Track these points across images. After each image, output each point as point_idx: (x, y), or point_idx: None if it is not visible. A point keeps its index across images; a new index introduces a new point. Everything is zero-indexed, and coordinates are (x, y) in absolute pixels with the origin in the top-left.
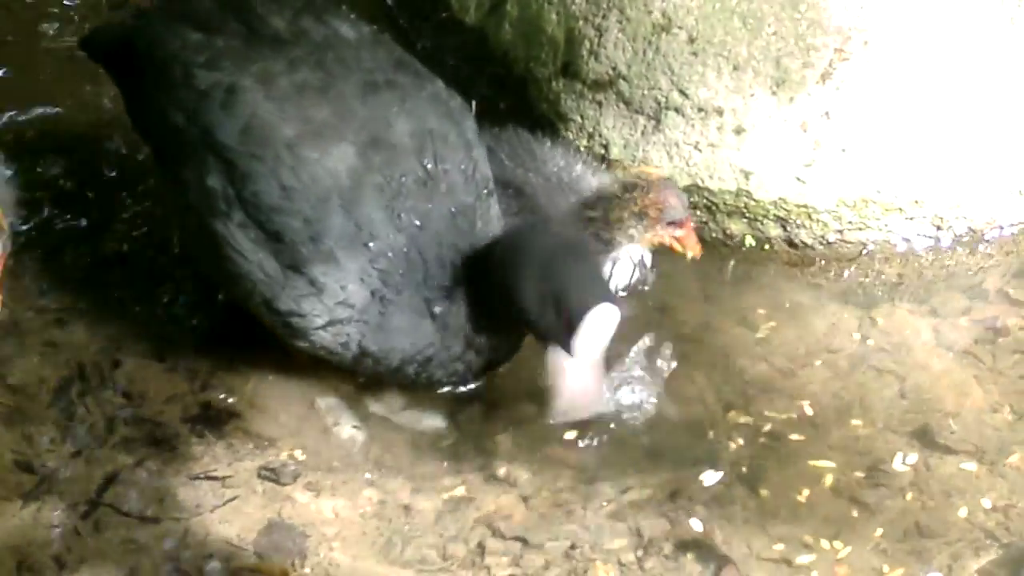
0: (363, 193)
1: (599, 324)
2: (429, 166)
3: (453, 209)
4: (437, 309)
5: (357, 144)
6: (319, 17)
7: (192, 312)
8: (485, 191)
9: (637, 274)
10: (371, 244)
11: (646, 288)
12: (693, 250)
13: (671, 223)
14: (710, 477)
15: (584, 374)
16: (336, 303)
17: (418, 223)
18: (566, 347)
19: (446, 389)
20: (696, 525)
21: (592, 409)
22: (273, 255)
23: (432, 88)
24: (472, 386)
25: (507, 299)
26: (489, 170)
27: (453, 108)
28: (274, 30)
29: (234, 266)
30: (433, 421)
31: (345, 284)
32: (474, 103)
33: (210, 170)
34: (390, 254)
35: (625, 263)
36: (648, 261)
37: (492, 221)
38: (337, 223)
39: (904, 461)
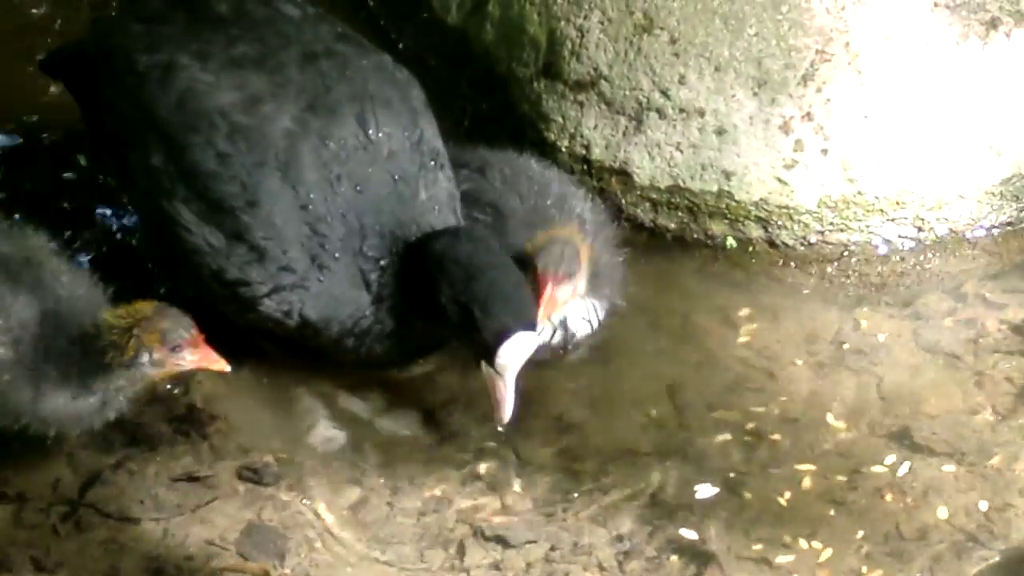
0: (299, 156)
1: (517, 348)
2: (370, 131)
3: (396, 176)
4: (372, 279)
5: (293, 110)
6: (264, 1)
7: None
8: (432, 162)
9: (558, 337)
10: (309, 207)
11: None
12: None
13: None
14: (691, 478)
15: (511, 384)
16: (278, 268)
17: (357, 187)
18: (488, 362)
19: (397, 370)
20: (677, 527)
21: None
22: (216, 226)
23: (376, 58)
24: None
25: (433, 301)
26: (440, 143)
27: (399, 78)
28: (217, 13)
29: (182, 243)
30: (414, 422)
31: (286, 248)
32: (466, 111)
33: (152, 150)
34: (328, 218)
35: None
36: (577, 325)
37: (440, 194)
38: (274, 186)
39: (884, 463)
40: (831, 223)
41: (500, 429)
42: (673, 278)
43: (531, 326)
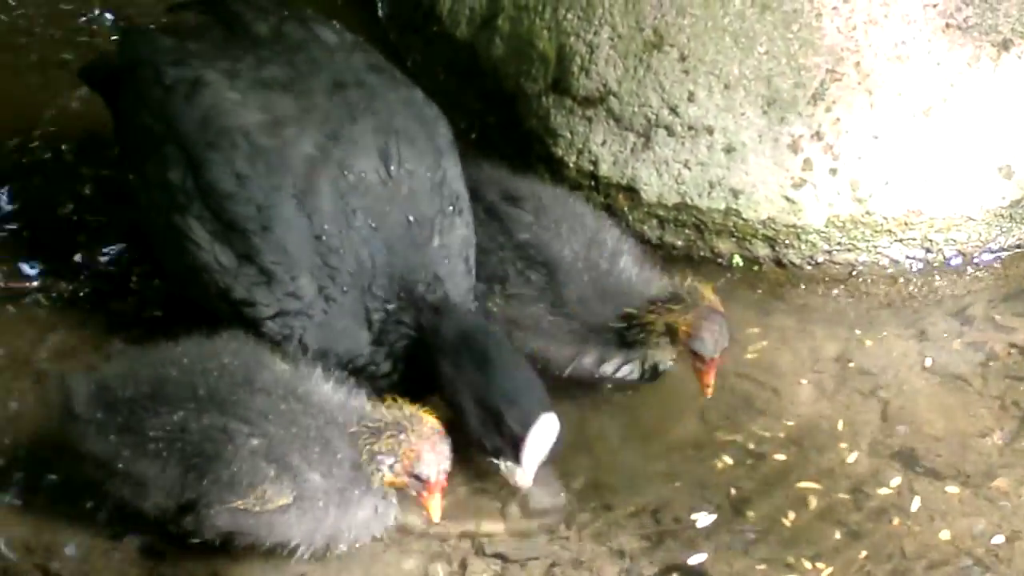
0: (317, 184)
1: (542, 437)
2: (391, 166)
3: (411, 218)
4: (375, 319)
5: (316, 136)
6: (303, 23)
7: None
8: (451, 207)
9: (647, 375)
10: (323, 238)
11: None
12: (706, 389)
13: (696, 355)
14: (695, 497)
15: (533, 471)
16: (285, 293)
17: (372, 224)
18: (514, 460)
19: None
20: (680, 546)
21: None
22: (228, 245)
23: (406, 92)
24: None
25: (442, 387)
26: (462, 186)
27: (427, 115)
28: (255, 34)
29: (192, 259)
30: None
31: (295, 275)
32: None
33: (171, 163)
34: (341, 251)
35: (637, 363)
36: (661, 367)
37: (455, 241)
38: (288, 213)
39: (890, 484)
40: (839, 243)
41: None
42: None
43: (550, 408)
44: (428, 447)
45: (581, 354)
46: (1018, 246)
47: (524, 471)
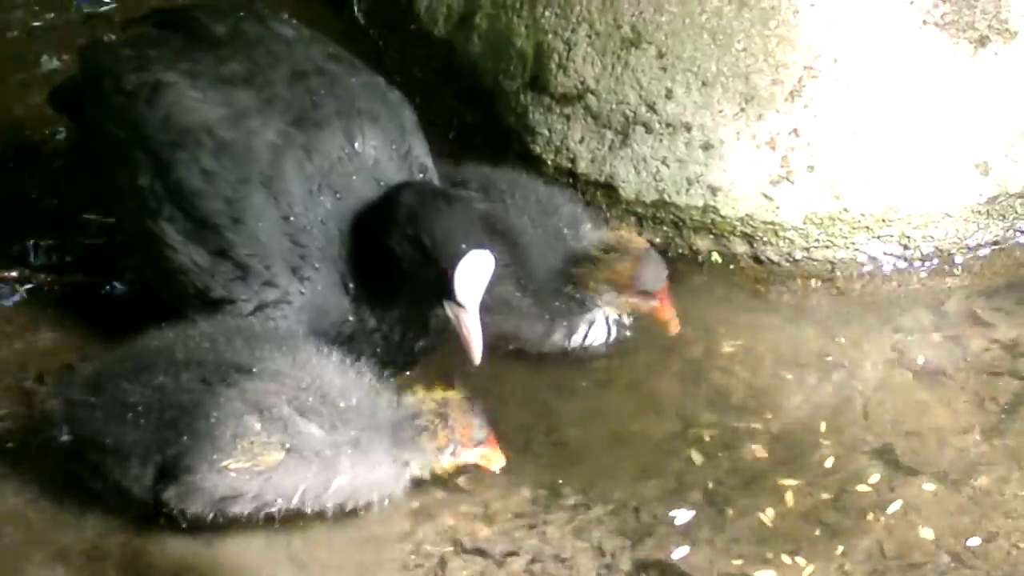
0: (283, 169)
1: (473, 271)
2: (356, 143)
3: (380, 181)
4: (351, 283)
5: (279, 124)
6: (259, 21)
7: None
8: (421, 175)
9: (613, 333)
10: (290, 218)
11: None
12: (669, 324)
13: (643, 292)
14: (674, 493)
15: (475, 317)
16: (262, 284)
17: (337, 195)
18: (449, 297)
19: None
20: (659, 541)
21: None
22: (201, 244)
23: (368, 78)
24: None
25: (385, 253)
26: (430, 161)
27: (390, 98)
28: (213, 35)
29: (168, 262)
30: None
31: (268, 264)
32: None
33: (139, 169)
34: (308, 227)
35: (600, 324)
36: (625, 320)
37: None
38: (258, 202)
39: (868, 481)
40: (816, 240)
41: (475, 365)
42: None
43: (482, 245)
44: (472, 415)
45: (549, 330)
46: (995, 242)
47: (467, 309)
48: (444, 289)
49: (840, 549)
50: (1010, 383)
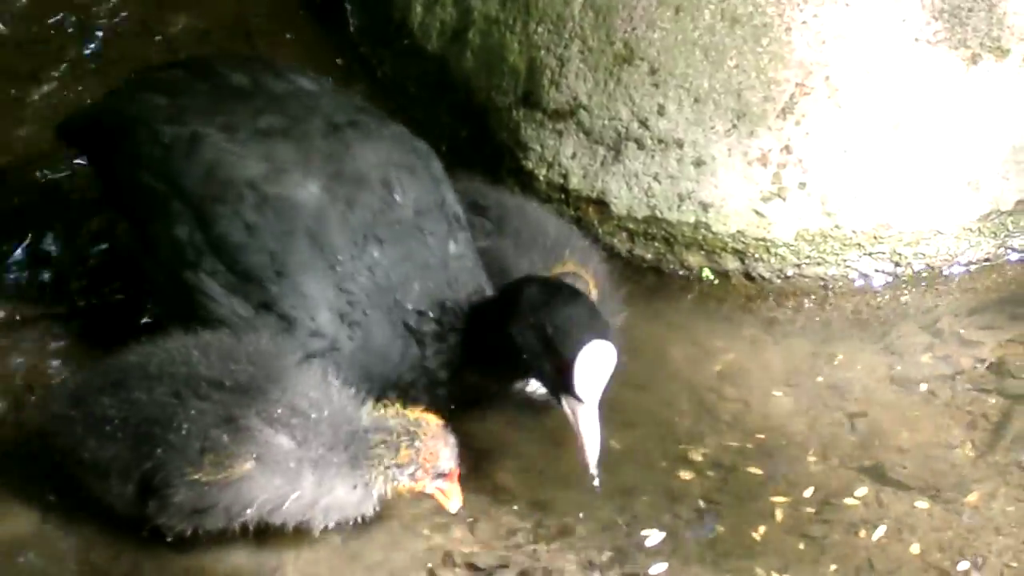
0: (327, 222)
1: (594, 362)
2: (395, 194)
3: (424, 230)
4: (417, 329)
5: (321, 178)
6: (279, 74)
7: None
8: (456, 223)
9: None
10: (337, 268)
11: None
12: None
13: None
14: (665, 509)
15: (595, 415)
16: (309, 335)
17: (383, 243)
18: (569, 391)
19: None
20: (648, 557)
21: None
22: (244, 297)
23: (396, 128)
24: None
25: (503, 338)
26: (460, 210)
27: (418, 147)
28: (237, 85)
29: (208, 313)
30: None
31: (315, 315)
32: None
33: (177, 221)
34: (356, 276)
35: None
36: None
37: (468, 250)
38: (303, 255)
39: (858, 497)
40: (808, 256)
41: (596, 484)
42: (649, 309)
43: (606, 335)
44: (442, 444)
45: None
46: (987, 260)
47: (585, 405)
48: (564, 382)
49: (830, 566)
50: (1000, 400)
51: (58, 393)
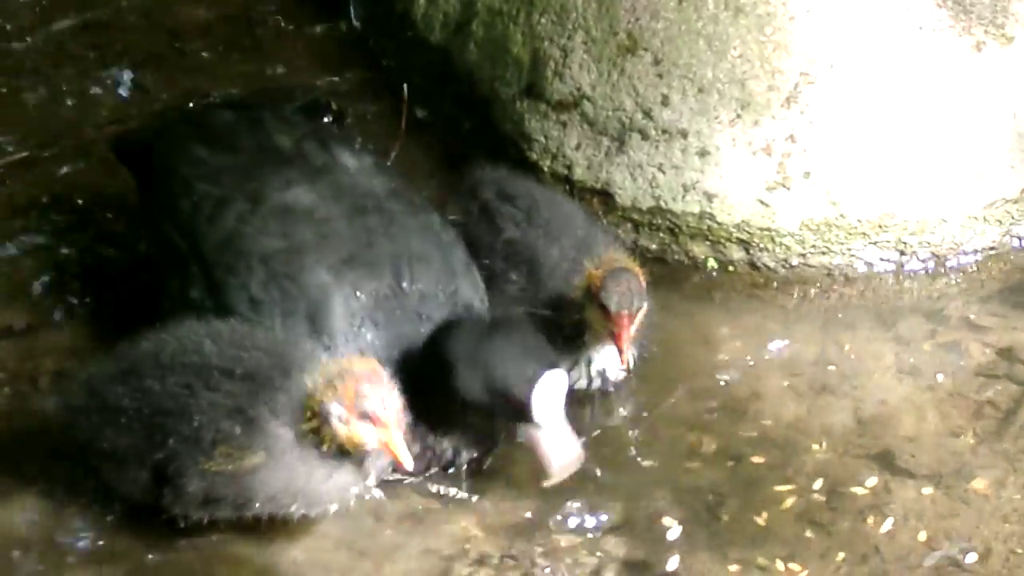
0: (329, 305)
1: (547, 393)
2: (404, 283)
3: (423, 315)
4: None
5: (332, 262)
6: (323, 144)
7: None
8: (464, 311)
9: (596, 383)
10: (329, 348)
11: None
12: (620, 355)
13: (603, 306)
14: (670, 498)
15: (558, 434)
16: None
17: (378, 326)
18: (529, 422)
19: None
20: (655, 546)
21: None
22: None
23: (425, 218)
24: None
25: (455, 400)
26: (477, 299)
27: (444, 240)
28: (278, 148)
29: None
30: None
31: None
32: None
33: (193, 282)
34: (342, 354)
35: (579, 371)
36: (612, 374)
37: None
38: (299, 336)
39: (865, 485)
40: (813, 246)
41: (547, 484)
42: (654, 299)
43: (553, 365)
44: (364, 381)
45: None
46: (992, 248)
47: (549, 433)
48: (522, 418)
49: (837, 553)
50: (1007, 387)
51: (74, 383)
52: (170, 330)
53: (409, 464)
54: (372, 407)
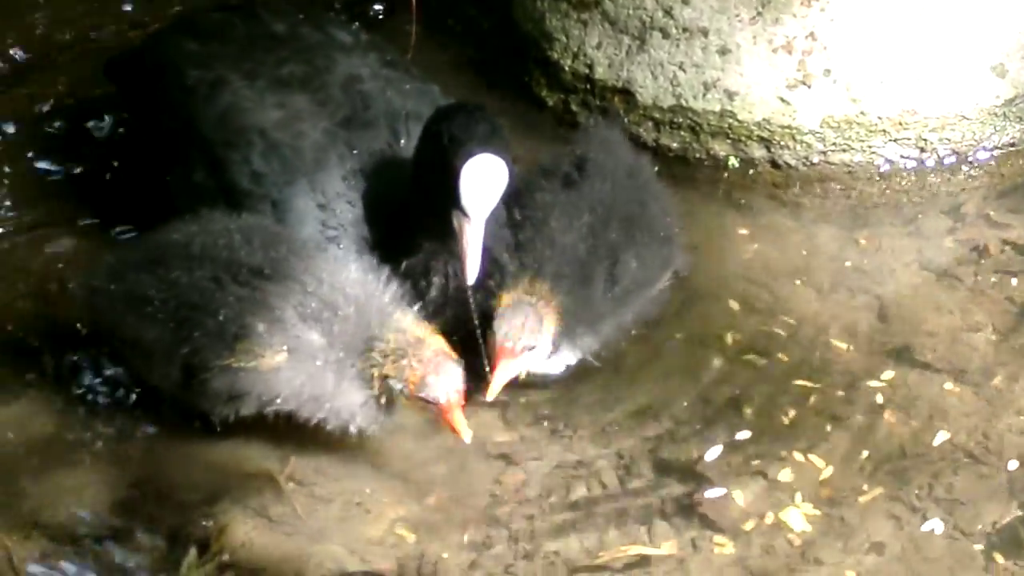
0: (325, 164)
1: (481, 177)
2: (401, 140)
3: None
4: (374, 238)
5: (327, 125)
6: (319, 26)
7: None
8: None
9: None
10: (324, 205)
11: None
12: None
13: None
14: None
15: (479, 232)
16: None
17: (369, 177)
18: (457, 205)
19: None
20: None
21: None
22: None
23: (422, 85)
24: None
25: (418, 174)
26: None
27: (441, 103)
28: (272, 33)
29: None
30: None
31: None
32: None
33: (194, 166)
34: (338, 211)
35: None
36: (539, 371)
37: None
38: (301, 204)
39: (885, 379)
40: (833, 143)
41: (469, 284)
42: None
43: (496, 152)
44: (432, 371)
45: None
46: (1011, 144)
47: (472, 221)
48: (452, 194)
49: (857, 448)
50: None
51: (99, 266)
52: (200, 223)
53: (468, 437)
54: (435, 396)
